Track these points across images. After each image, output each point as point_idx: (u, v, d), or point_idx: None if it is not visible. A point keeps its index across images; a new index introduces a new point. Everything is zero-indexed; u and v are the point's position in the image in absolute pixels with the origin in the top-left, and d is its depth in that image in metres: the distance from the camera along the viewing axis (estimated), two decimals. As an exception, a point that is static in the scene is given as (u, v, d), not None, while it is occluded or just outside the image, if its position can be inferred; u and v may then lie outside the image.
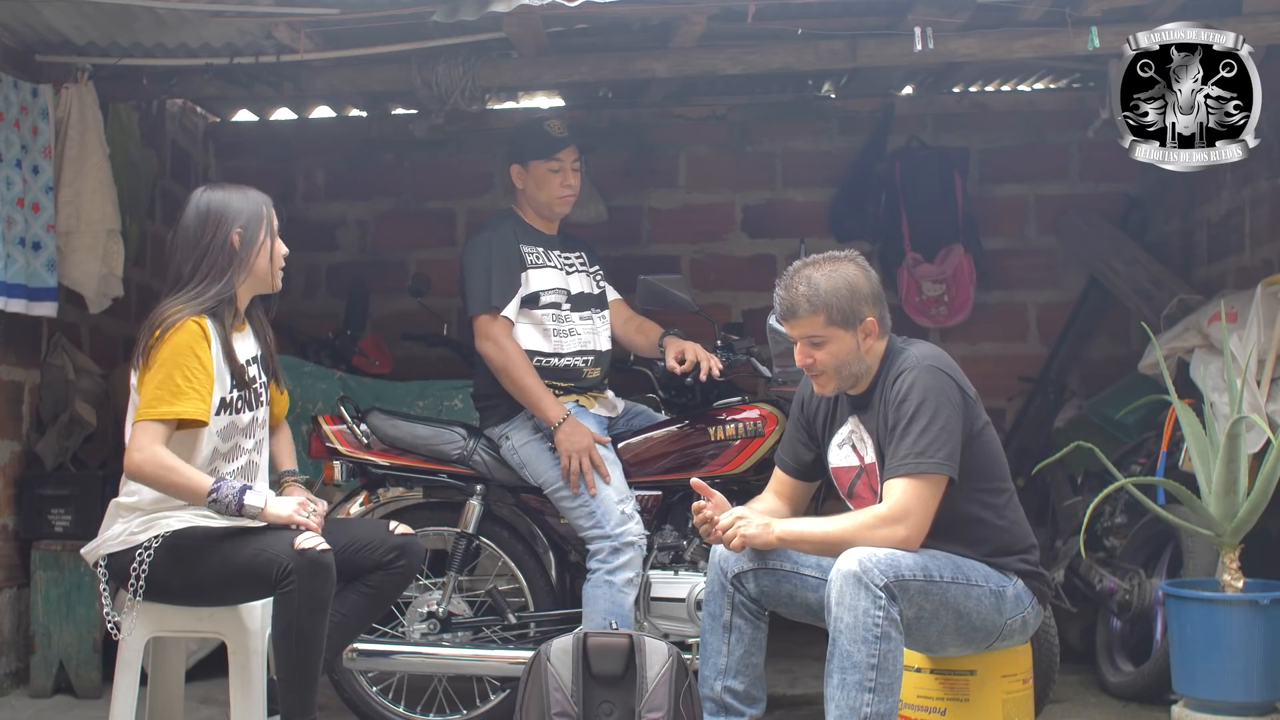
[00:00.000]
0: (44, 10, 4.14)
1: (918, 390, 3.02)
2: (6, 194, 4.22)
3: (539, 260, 3.95)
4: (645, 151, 6.15)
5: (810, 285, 3.10)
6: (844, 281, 3.10)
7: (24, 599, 4.49)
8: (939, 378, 3.06)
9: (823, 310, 3.09)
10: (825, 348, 3.11)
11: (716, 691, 3.21)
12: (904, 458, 2.99)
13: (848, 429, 3.25)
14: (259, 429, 3.26)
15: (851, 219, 5.97)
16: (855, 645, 2.86)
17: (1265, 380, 4.07)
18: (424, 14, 3.95)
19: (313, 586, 2.98)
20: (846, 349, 3.11)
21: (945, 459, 2.98)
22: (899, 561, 2.91)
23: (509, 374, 3.82)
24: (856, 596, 2.86)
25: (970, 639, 3.08)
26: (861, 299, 3.11)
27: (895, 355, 3.17)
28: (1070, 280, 6.03)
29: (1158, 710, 4.01)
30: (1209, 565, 3.88)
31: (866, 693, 2.86)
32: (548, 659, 3.34)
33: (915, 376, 3.05)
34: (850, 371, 3.14)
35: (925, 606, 2.95)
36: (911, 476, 2.97)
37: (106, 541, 3.13)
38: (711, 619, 3.25)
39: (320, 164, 6.30)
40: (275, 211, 3.30)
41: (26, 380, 4.59)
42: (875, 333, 3.13)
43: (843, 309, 3.09)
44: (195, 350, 3.05)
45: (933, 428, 2.99)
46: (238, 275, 3.18)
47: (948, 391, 3.05)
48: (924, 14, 4.07)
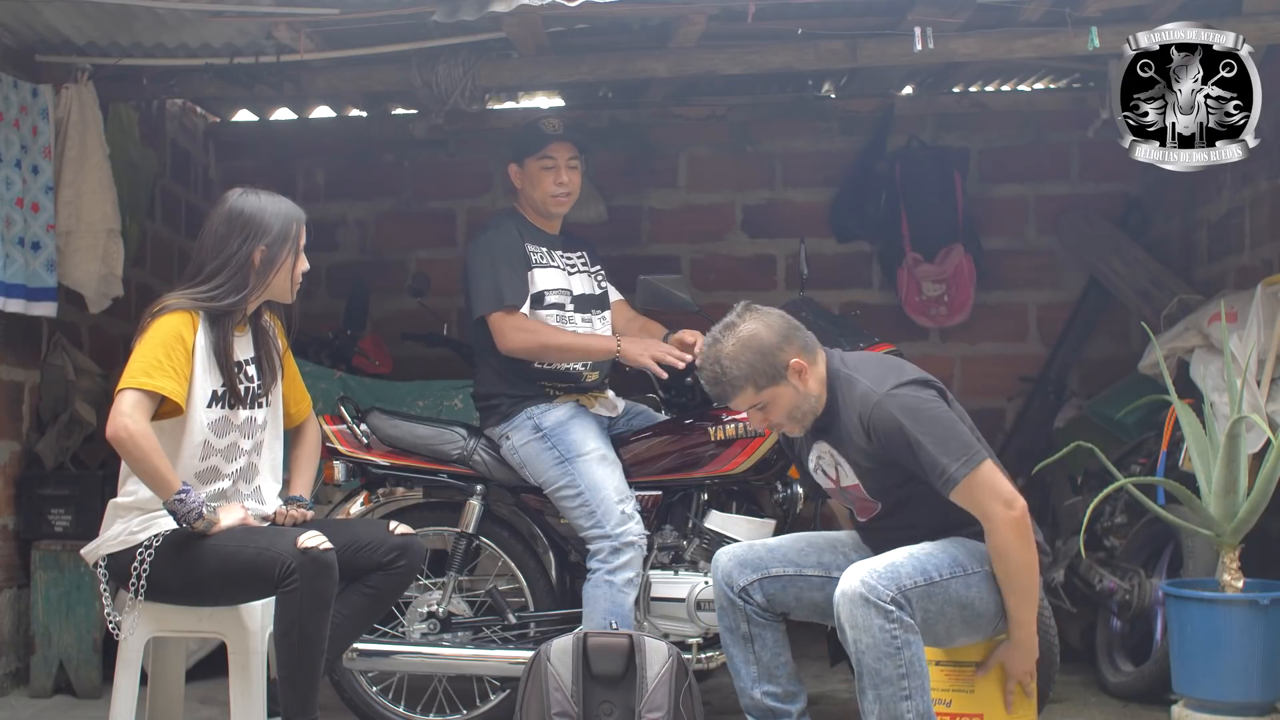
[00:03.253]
0: (44, 10, 4.14)
1: (899, 420, 3.01)
2: (6, 194, 4.22)
3: (543, 260, 3.95)
4: (645, 151, 6.15)
5: (722, 368, 3.13)
6: (749, 347, 3.12)
7: (24, 599, 4.49)
8: (901, 399, 3.05)
9: (747, 383, 3.12)
10: (770, 408, 3.16)
11: (757, 699, 3.27)
12: (945, 474, 2.98)
13: (815, 455, 3.31)
14: (258, 430, 3.26)
15: (851, 219, 5.97)
16: (881, 662, 2.92)
17: (1265, 380, 4.07)
18: (424, 14, 3.95)
19: (316, 585, 2.98)
20: (789, 398, 3.14)
21: (968, 446, 3.00)
22: (898, 572, 2.96)
23: (551, 345, 3.85)
24: (869, 616, 2.91)
25: (976, 626, 3.13)
26: (773, 351, 3.12)
27: (842, 381, 3.16)
28: (1070, 280, 6.03)
29: (1158, 710, 4.01)
30: (1209, 565, 3.88)
31: (904, 701, 2.93)
32: (548, 659, 3.34)
33: (887, 414, 3.03)
34: (804, 411, 3.17)
35: (930, 608, 3.00)
36: (966, 479, 2.97)
37: (106, 542, 3.14)
38: (730, 633, 3.30)
39: (320, 164, 6.30)
40: (306, 228, 3.29)
41: (26, 380, 4.59)
42: (805, 369, 3.14)
43: (763, 371, 3.11)
44: (181, 334, 3.07)
45: (937, 435, 3.00)
46: (254, 292, 3.19)
47: (915, 400, 3.05)
48: (924, 14, 4.07)
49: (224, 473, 3.18)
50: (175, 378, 3.04)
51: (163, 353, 3.04)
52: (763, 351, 3.11)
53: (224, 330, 3.15)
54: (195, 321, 3.11)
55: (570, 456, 3.79)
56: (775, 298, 5.70)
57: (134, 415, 2.97)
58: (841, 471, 3.22)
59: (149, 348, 3.04)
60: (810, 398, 3.16)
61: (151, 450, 2.98)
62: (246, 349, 3.25)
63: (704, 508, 3.93)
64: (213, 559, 3.04)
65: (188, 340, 3.08)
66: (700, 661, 3.77)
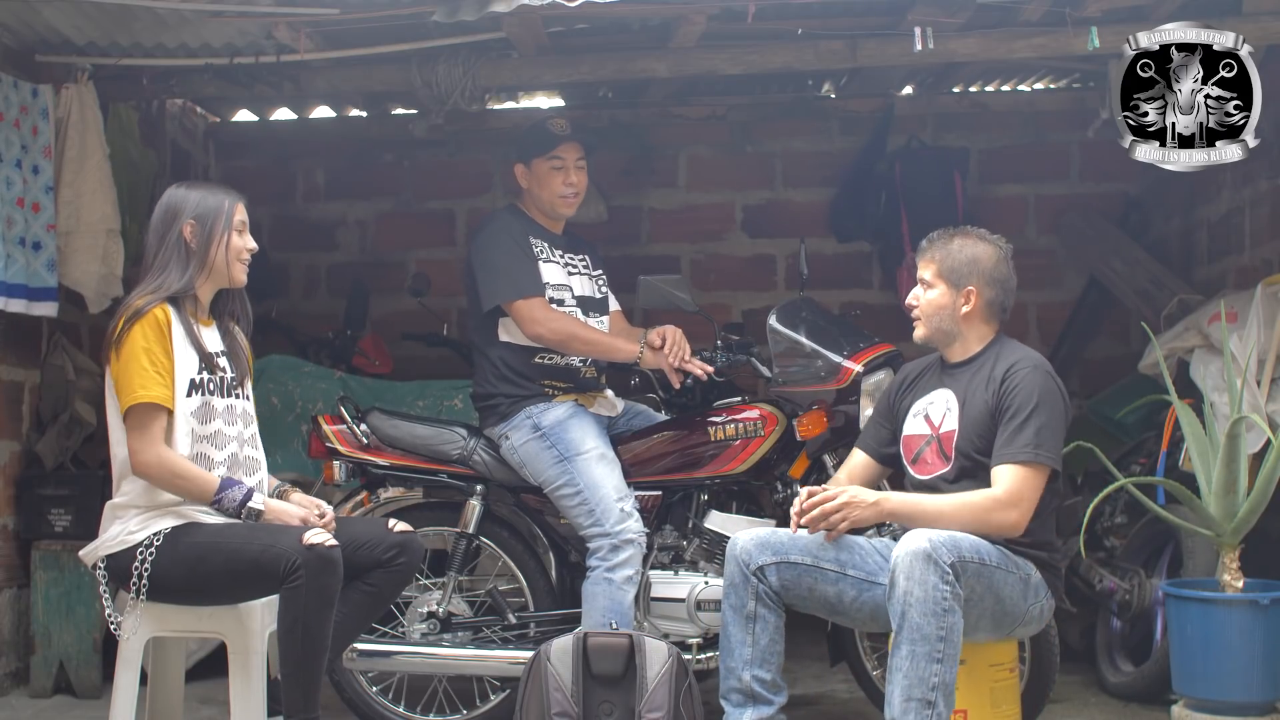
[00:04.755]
0: (44, 10, 4.14)
1: (1039, 387, 3.22)
2: (6, 194, 4.22)
3: (546, 255, 3.95)
4: (645, 151, 6.15)
5: (946, 238, 3.39)
6: (971, 251, 3.36)
7: (24, 599, 4.49)
8: (1055, 382, 3.28)
9: (938, 260, 3.37)
10: (930, 292, 3.38)
11: (745, 681, 3.28)
12: (1022, 446, 3.17)
13: (927, 400, 3.41)
14: (240, 421, 3.27)
15: (851, 219, 5.97)
16: (926, 619, 2.99)
17: (1265, 380, 4.07)
18: (424, 14, 3.95)
19: (321, 582, 2.99)
20: (944, 303, 3.36)
21: (1056, 454, 3.20)
22: (959, 543, 3.06)
23: (580, 335, 3.85)
24: (926, 572, 2.99)
25: (1000, 623, 3.22)
26: (976, 271, 3.35)
27: (1005, 345, 3.39)
28: (1070, 280, 6.04)
29: (1158, 710, 4.01)
30: (1209, 565, 3.88)
31: (935, 663, 2.99)
32: (548, 659, 3.34)
33: (1035, 374, 3.25)
34: (940, 326, 3.38)
35: (976, 588, 3.09)
36: (1028, 465, 3.16)
37: (104, 543, 3.14)
38: (734, 611, 3.31)
39: (320, 164, 6.30)
40: (246, 208, 3.30)
41: (26, 380, 4.59)
42: (974, 303, 3.35)
43: (954, 268, 3.35)
44: (161, 336, 3.10)
45: (1049, 426, 3.19)
46: (197, 271, 3.21)
47: (1060, 395, 3.27)
48: (924, 14, 4.07)
49: (216, 460, 3.18)
50: (165, 385, 3.09)
51: (147, 359, 3.08)
52: (974, 263, 3.35)
53: (187, 318, 3.18)
54: (168, 315, 3.14)
55: (569, 455, 3.79)
56: (775, 298, 5.73)
57: (153, 450, 3.06)
58: (948, 417, 3.33)
59: (139, 360, 3.07)
60: (954, 323, 3.37)
61: (179, 476, 3.08)
62: (215, 342, 3.26)
63: (704, 508, 3.94)
64: (217, 556, 3.05)
65: (165, 334, 3.11)
66: (700, 661, 3.77)
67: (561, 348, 3.88)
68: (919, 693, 2.97)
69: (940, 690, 2.98)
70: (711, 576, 3.81)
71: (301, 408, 4.87)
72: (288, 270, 6.20)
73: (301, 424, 4.79)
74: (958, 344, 3.39)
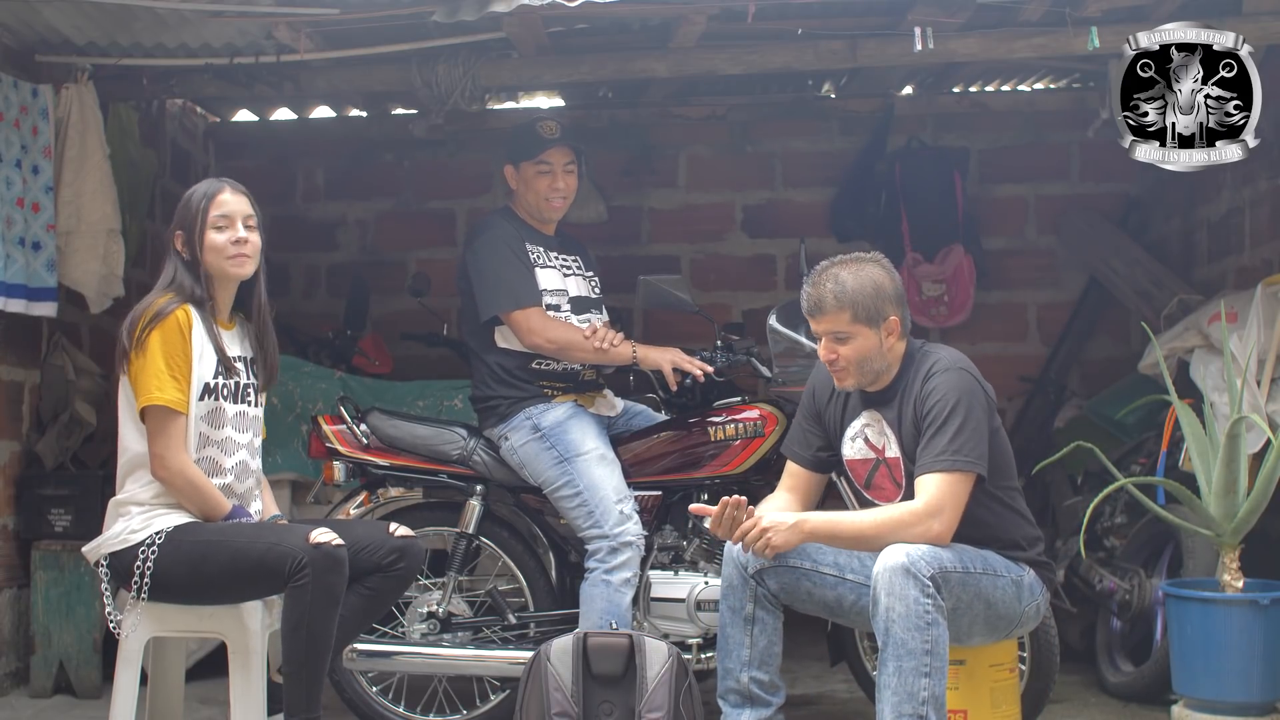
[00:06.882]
0: (44, 10, 4.14)
1: (952, 391, 3.14)
2: (6, 194, 4.22)
3: (541, 260, 3.95)
4: (645, 151, 6.15)
5: (838, 283, 3.20)
6: (870, 281, 3.21)
7: (24, 599, 4.49)
8: (969, 380, 3.18)
9: (849, 307, 3.18)
10: (849, 344, 3.21)
11: (743, 683, 3.27)
12: (939, 454, 3.09)
13: (861, 422, 3.33)
14: (249, 427, 3.27)
15: (851, 219, 5.97)
16: (909, 633, 2.95)
17: (1265, 380, 4.07)
18: (424, 14, 3.95)
19: (327, 581, 3.00)
20: (869, 346, 3.20)
21: (977, 457, 3.10)
22: (939, 555, 3.02)
23: (573, 348, 3.85)
24: (906, 587, 2.95)
25: (995, 627, 3.19)
26: (886, 299, 3.21)
27: (919, 356, 3.27)
28: (1070, 280, 6.04)
29: (1158, 710, 4.01)
30: (1209, 565, 3.88)
31: (923, 678, 2.95)
32: (548, 659, 3.34)
33: (949, 376, 3.17)
34: (871, 368, 3.23)
35: (962, 597, 3.06)
36: (947, 472, 3.08)
37: (107, 540, 3.14)
38: (732, 612, 3.30)
39: (320, 164, 6.30)
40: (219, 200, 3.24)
41: (26, 380, 4.59)
42: (897, 332, 3.23)
43: (867, 307, 3.18)
44: (182, 339, 3.11)
45: (966, 428, 3.10)
46: (201, 276, 3.21)
47: (977, 394, 3.17)
48: (924, 14, 4.07)
49: (224, 467, 3.19)
50: (179, 386, 3.09)
51: (164, 362, 3.09)
52: (878, 292, 3.20)
53: (209, 320, 3.19)
54: (190, 316, 3.14)
55: (569, 456, 3.79)
56: (775, 298, 5.73)
57: (176, 458, 3.08)
58: (887, 443, 3.27)
59: (160, 360, 3.08)
60: (884, 359, 3.23)
61: (198, 490, 3.11)
62: (235, 346, 3.26)
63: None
64: (221, 555, 3.05)
65: (185, 337, 3.11)
66: (700, 662, 3.77)
67: (559, 355, 3.88)
68: (909, 709, 2.94)
69: (931, 704, 2.95)
70: (711, 577, 3.80)
71: (301, 408, 4.87)
72: (288, 270, 6.21)
73: (301, 424, 4.78)
74: (884, 374, 3.27)
